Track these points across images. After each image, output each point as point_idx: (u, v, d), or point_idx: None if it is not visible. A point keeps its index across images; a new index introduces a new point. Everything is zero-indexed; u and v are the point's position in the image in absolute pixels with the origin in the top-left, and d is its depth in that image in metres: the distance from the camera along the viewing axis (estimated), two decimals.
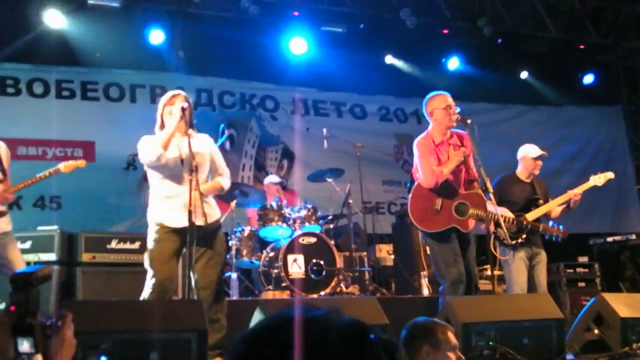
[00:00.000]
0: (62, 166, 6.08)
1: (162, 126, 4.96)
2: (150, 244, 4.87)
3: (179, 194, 4.83)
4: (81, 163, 6.21)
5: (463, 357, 3.45)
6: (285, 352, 1.21)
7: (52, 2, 8.53)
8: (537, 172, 6.48)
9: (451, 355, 3.34)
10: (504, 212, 5.97)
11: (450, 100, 5.69)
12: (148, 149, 4.83)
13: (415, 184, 5.67)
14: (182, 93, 5.02)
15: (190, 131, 4.96)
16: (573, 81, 11.76)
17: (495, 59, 11.07)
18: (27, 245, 6.47)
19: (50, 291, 6.18)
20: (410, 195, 5.67)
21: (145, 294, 4.77)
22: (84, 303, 4.14)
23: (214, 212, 5.03)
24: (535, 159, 6.43)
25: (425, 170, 5.52)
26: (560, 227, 6.14)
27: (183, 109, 4.84)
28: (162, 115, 4.96)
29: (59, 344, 1.85)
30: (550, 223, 6.22)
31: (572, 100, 11.89)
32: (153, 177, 4.97)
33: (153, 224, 4.90)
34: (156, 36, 9.28)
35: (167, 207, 4.87)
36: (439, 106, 5.67)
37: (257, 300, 6.77)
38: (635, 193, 12.03)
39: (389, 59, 10.69)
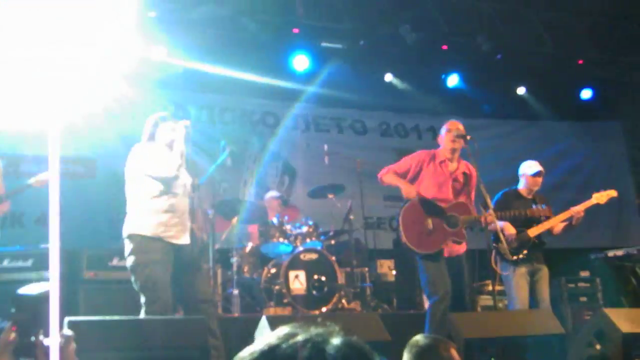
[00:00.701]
0: (33, 181, 6.02)
1: (151, 138, 4.97)
2: (147, 263, 4.65)
3: (179, 209, 4.82)
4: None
5: None
6: None
7: None
8: (536, 188, 6.49)
9: None
10: (506, 227, 5.98)
11: (455, 126, 5.80)
12: (164, 163, 4.78)
13: (403, 206, 5.74)
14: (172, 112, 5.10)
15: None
16: (572, 96, 11.79)
17: (494, 75, 11.12)
18: (29, 263, 6.46)
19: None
20: (400, 221, 5.71)
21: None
22: (87, 322, 4.14)
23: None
24: (533, 176, 6.45)
25: (391, 165, 5.94)
26: (543, 206, 6.14)
27: (186, 127, 4.88)
28: (152, 129, 4.97)
29: None
30: (534, 206, 6.23)
31: (571, 115, 11.93)
32: (150, 189, 4.82)
33: (146, 238, 4.71)
34: (157, 52, 9.30)
35: (165, 221, 4.78)
36: (447, 129, 5.82)
37: (258, 316, 6.76)
38: (636, 207, 12.04)
39: (389, 77, 10.74)
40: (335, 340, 1.26)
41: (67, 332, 1.86)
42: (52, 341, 1.80)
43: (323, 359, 1.23)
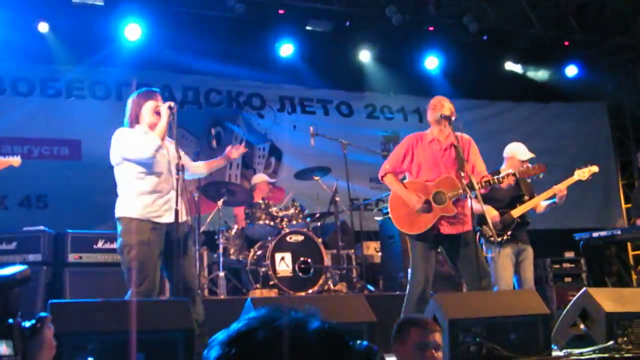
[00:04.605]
0: None
1: (136, 120, 4.93)
2: (134, 243, 4.65)
3: (164, 190, 4.81)
4: (15, 161, 5.98)
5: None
6: (260, 357, 1.21)
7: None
8: None
9: (438, 354, 3.38)
10: (488, 210, 5.96)
11: (437, 101, 5.67)
12: (145, 142, 4.75)
13: (390, 193, 5.72)
14: (158, 91, 5.04)
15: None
16: (558, 77, 11.80)
17: (481, 56, 11.11)
18: (13, 246, 6.42)
19: (37, 292, 6.14)
20: (389, 207, 5.70)
21: (133, 297, 4.61)
22: (70, 304, 4.12)
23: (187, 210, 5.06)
24: (523, 161, 6.39)
25: (387, 160, 5.78)
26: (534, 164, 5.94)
27: (171, 108, 4.84)
28: (136, 110, 4.92)
29: (39, 346, 1.84)
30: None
31: (556, 96, 11.95)
32: (133, 172, 4.81)
33: (134, 220, 4.72)
34: (135, 32, 9.17)
35: (151, 202, 4.77)
36: (430, 107, 5.68)
37: (244, 298, 6.76)
38: (620, 189, 12.12)
39: (365, 56, 10.69)
40: (313, 325, 1.25)
41: (44, 315, 1.84)
42: (30, 324, 1.78)
43: (301, 345, 1.22)
